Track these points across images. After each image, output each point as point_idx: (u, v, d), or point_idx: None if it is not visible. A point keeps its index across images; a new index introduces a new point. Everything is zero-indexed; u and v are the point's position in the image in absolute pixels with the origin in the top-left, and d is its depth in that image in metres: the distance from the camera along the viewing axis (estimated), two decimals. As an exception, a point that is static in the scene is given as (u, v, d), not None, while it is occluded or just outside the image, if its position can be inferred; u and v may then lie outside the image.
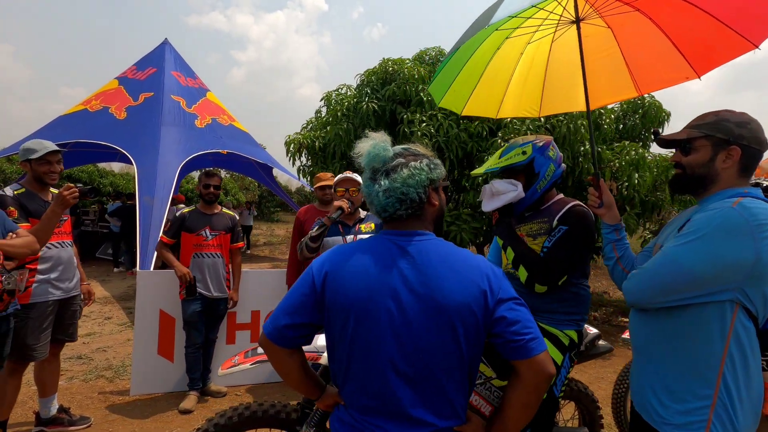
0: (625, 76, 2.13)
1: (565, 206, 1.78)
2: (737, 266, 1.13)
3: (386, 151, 1.15)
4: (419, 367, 1.04)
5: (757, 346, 1.21)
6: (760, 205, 1.15)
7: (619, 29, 2.06)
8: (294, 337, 1.11)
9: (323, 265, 1.12)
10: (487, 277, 1.08)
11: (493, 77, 2.28)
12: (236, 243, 3.48)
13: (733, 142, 1.26)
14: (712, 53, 1.89)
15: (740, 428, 1.18)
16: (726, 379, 1.18)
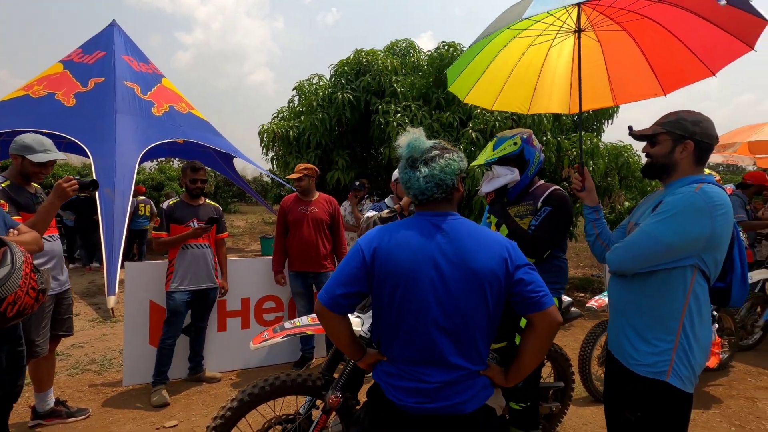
0: (606, 87, 2.45)
1: (547, 190, 2.07)
2: (699, 238, 1.44)
3: (424, 143, 1.36)
4: (458, 323, 1.26)
5: (708, 300, 1.54)
6: (715, 190, 1.47)
7: (607, 45, 2.36)
8: (346, 304, 1.30)
9: (372, 241, 1.31)
10: (506, 248, 1.31)
11: (496, 71, 2.50)
12: (221, 233, 3.54)
13: (688, 137, 1.56)
14: (679, 76, 2.24)
15: (695, 364, 1.50)
16: (685, 327, 1.49)
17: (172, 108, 10.41)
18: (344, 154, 5.94)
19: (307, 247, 3.61)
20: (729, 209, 1.45)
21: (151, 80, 10.50)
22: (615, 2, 2.06)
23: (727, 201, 1.45)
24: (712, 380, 3.70)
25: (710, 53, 2.07)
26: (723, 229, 1.44)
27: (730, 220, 1.46)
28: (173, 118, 10.19)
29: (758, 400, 3.36)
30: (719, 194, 1.45)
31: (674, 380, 1.48)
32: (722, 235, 1.45)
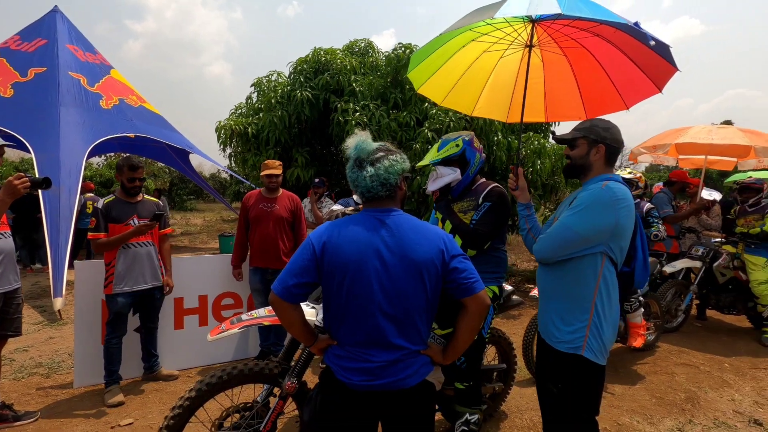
0: (541, 104, 2.71)
1: (487, 187, 2.26)
2: (606, 228, 1.67)
3: (370, 145, 1.49)
4: (399, 308, 1.41)
5: (616, 283, 1.77)
6: (619, 187, 1.71)
7: (548, 66, 2.60)
8: (298, 294, 1.42)
9: (321, 236, 1.43)
10: (443, 240, 1.48)
11: (451, 69, 2.68)
12: (165, 229, 3.45)
13: (600, 141, 1.80)
14: (601, 105, 2.54)
15: (605, 339, 1.73)
16: (597, 307, 1.72)
17: (122, 101, 9.93)
18: (304, 151, 5.98)
19: (267, 244, 3.63)
20: (630, 203, 1.69)
21: (98, 71, 9.97)
22: (563, 28, 2.29)
23: (628, 196, 1.69)
24: (640, 359, 4.10)
25: (628, 90, 2.40)
26: (626, 220, 1.67)
27: (632, 212, 1.69)
28: (123, 112, 9.73)
29: (677, 375, 3.78)
30: (622, 190, 1.69)
31: (588, 353, 1.71)
32: (625, 225, 1.68)
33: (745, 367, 4.02)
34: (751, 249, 4.69)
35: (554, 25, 2.29)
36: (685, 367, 3.97)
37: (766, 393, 3.50)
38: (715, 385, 3.61)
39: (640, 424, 2.97)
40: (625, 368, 3.90)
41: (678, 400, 3.33)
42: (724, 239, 5.01)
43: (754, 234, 4.62)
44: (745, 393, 3.49)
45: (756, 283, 4.61)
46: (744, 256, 4.73)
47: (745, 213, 4.84)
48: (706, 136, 5.10)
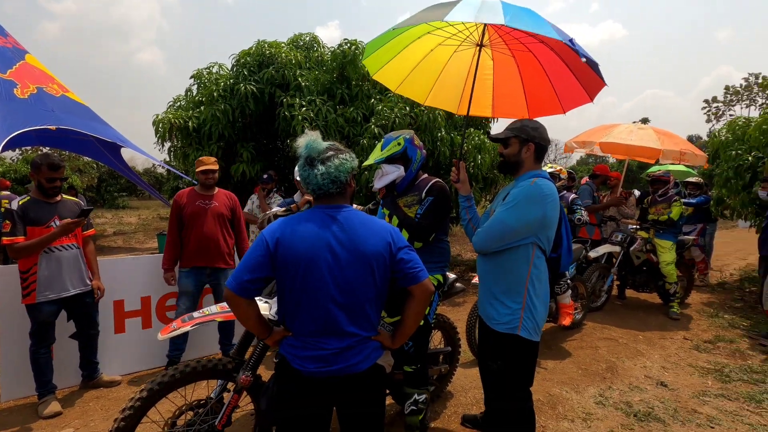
0: (489, 100, 2.89)
1: (429, 182, 2.42)
2: (535, 221, 1.87)
3: (321, 144, 1.58)
4: (350, 298, 1.52)
5: (546, 268, 1.99)
6: (546, 183, 1.92)
7: (498, 65, 2.79)
8: (253, 289, 1.47)
9: (275, 232, 1.50)
10: (390, 234, 1.60)
11: (406, 58, 2.78)
12: (88, 230, 3.26)
13: (530, 140, 2.01)
14: (542, 107, 2.77)
15: (538, 318, 1.95)
16: (530, 290, 1.93)
17: (41, 90, 8.97)
18: (249, 146, 5.87)
19: (208, 242, 3.48)
20: (556, 197, 1.92)
21: (11, 56, 8.92)
22: (512, 32, 2.48)
23: (554, 191, 1.92)
24: (569, 336, 4.54)
25: (566, 96, 2.66)
26: (552, 212, 1.90)
27: (557, 205, 1.92)
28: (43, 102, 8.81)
29: (599, 348, 4.23)
30: (549, 186, 1.91)
31: (524, 332, 1.92)
32: (552, 217, 1.90)
33: (656, 337, 4.59)
34: (660, 234, 5.31)
35: (504, 28, 2.48)
36: (606, 341, 4.45)
37: (671, 359, 4.03)
38: (630, 355, 4.09)
39: (569, 393, 3.32)
40: (556, 345, 4.30)
41: (600, 370, 3.74)
42: (638, 226, 5.62)
43: (663, 221, 5.24)
44: (654, 360, 4.00)
45: (664, 264, 5.24)
46: (654, 240, 5.35)
47: (655, 202, 5.45)
48: (627, 137, 5.66)
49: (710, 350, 4.26)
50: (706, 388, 3.45)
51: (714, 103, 31.84)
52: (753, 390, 3.39)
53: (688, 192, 7.00)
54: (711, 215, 7.08)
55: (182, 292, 3.51)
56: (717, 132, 6.88)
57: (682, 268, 5.75)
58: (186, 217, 3.48)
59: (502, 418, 2.03)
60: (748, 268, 8.18)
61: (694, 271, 6.57)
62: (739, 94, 30.26)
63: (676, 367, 3.85)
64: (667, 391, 3.40)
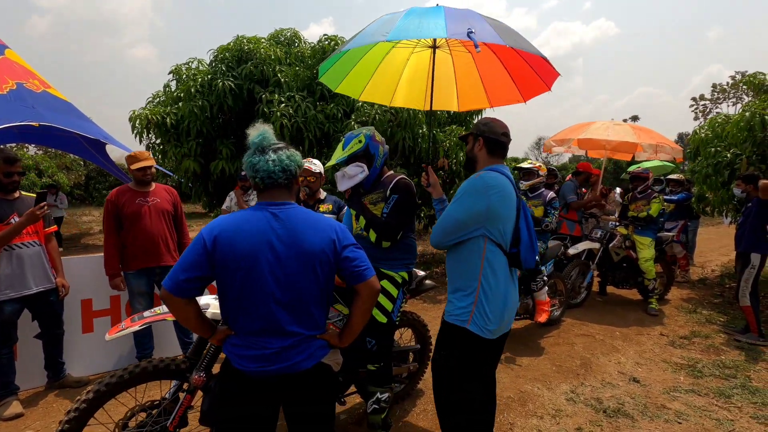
0: (453, 95, 2.94)
1: (394, 179, 2.39)
2: (479, 213, 1.85)
3: (272, 135, 1.56)
4: (293, 296, 1.48)
5: (503, 262, 1.93)
6: (491, 175, 1.90)
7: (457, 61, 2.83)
8: (191, 288, 1.43)
9: (213, 230, 1.46)
10: (335, 231, 1.57)
11: (364, 67, 2.85)
12: (50, 227, 3.17)
13: (479, 135, 2.00)
14: (503, 97, 2.84)
15: (491, 314, 1.89)
16: (483, 284, 1.90)
17: (21, 85, 8.84)
18: (228, 143, 5.80)
19: (153, 241, 3.30)
20: (503, 189, 1.87)
21: (-10, 51, 8.85)
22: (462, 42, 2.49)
23: (500, 183, 1.88)
24: (546, 333, 4.54)
25: (524, 86, 2.72)
26: (498, 205, 1.85)
27: (505, 197, 1.87)
28: (23, 98, 8.66)
29: (576, 345, 4.24)
30: (494, 178, 1.89)
31: (473, 327, 1.89)
32: (498, 209, 1.86)
33: (633, 333, 4.61)
34: (640, 230, 5.33)
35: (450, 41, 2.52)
36: (583, 337, 4.46)
37: (645, 355, 4.05)
38: (606, 351, 4.10)
39: (540, 390, 3.32)
40: (533, 342, 4.30)
41: (574, 367, 3.75)
42: (617, 222, 5.64)
43: (642, 217, 5.26)
44: (629, 356, 4.01)
45: (643, 260, 5.26)
46: (634, 236, 5.37)
47: (635, 199, 5.47)
48: (603, 133, 5.68)
49: (685, 346, 4.28)
50: (677, 383, 3.46)
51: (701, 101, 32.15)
52: (723, 385, 3.41)
53: (670, 189, 7.05)
54: (693, 212, 7.13)
55: (136, 293, 3.36)
56: (698, 129, 6.92)
57: (663, 264, 5.79)
58: (126, 218, 3.26)
59: (450, 410, 2.01)
60: (729, 264, 8.25)
61: (675, 267, 6.62)
62: (726, 92, 30.57)
63: (649, 363, 3.87)
64: (639, 386, 3.41)
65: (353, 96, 3.05)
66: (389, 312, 2.41)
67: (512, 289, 1.99)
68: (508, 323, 1.99)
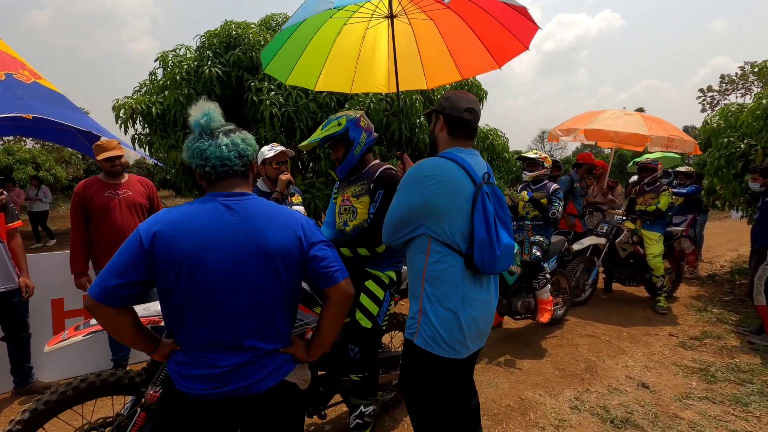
0: (419, 71, 2.61)
1: (378, 170, 2.15)
2: (416, 207, 1.56)
3: (219, 116, 1.31)
4: (250, 304, 1.25)
5: (453, 264, 1.55)
6: (432, 162, 1.57)
7: (418, 31, 2.50)
8: (125, 295, 1.19)
9: (152, 225, 1.22)
10: (301, 226, 1.32)
11: (314, 52, 2.54)
12: (13, 222, 2.96)
13: (440, 111, 1.69)
14: (474, 65, 2.51)
15: (441, 329, 1.55)
16: (427, 291, 1.59)
17: (10, 76, 8.54)
18: (217, 133, 5.53)
19: (123, 236, 2.95)
20: (442, 180, 1.52)
21: (-22, 41, 8.62)
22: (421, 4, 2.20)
23: (440, 173, 1.54)
24: (549, 333, 4.30)
25: (497, 48, 2.39)
26: (437, 197, 1.52)
27: (447, 189, 1.53)
28: (11, 89, 8.39)
29: (580, 346, 4.00)
30: (434, 166, 1.56)
31: (419, 341, 1.59)
32: (439, 203, 1.53)
33: (640, 334, 4.36)
34: (648, 225, 5.06)
35: None
36: (588, 338, 4.22)
37: (654, 357, 3.81)
38: (612, 353, 3.86)
39: (542, 397, 3.08)
40: (535, 343, 4.07)
41: (578, 371, 3.51)
42: (624, 216, 5.37)
43: (651, 211, 4.99)
44: (637, 359, 3.77)
45: (651, 256, 5.00)
46: (641, 231, 5.11)
47: (643, 192, 5.20)
48: (612, 123, 5.39)
49: (696, 347, 4.04)
50: (689, 389, 3.22)
51: (709, 92, 31.56)
52: (739, 391, 3.17)
53: (679, 182, 6.76)
54: (702, 205, 6.85)
55: None
56: (709, 119, 6.62)
57: (671, 260, 5.52)
58: (94, 212, 3.01)
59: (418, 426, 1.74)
60: (739, 259, 7.98)
61: (683, 263, 6.35)
62: (735, 83, 29.99)
63: (659, 366, 3.63)
64: (649, 393, 3.17)
65: (308, 87, 2.75)
66: (374, 316, 2.18)
67: (477, 296, 1.60)
68: (475, 339, 1.63)
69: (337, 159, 2.23)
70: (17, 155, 18.20)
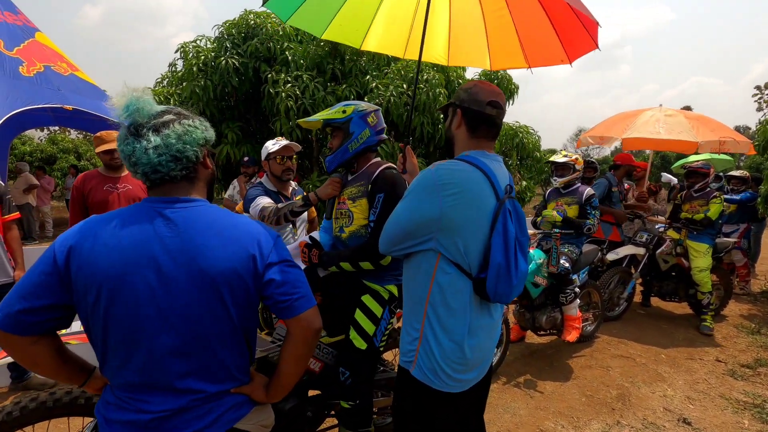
0: (517, 48, 2.26)
1: (377, 169, 1.88)
2: (428, 219, 1.29)
3: (151, 105, 1.06)
4: (188, 337, 1.01)
5: (461, 287, 1.31)
6: (452, 167, 1.31)
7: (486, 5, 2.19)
8: (35, 322, 0.97)
9: (68, 239, 1.00)
10: (257, 242, 1.07)
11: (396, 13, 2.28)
12: (10, 214, 2.86)
13: (457, 105, 1.42)
14: (544, 55, 2.21)
15: (441, 361, 1.32)
16: (429, 317, 1.34)
17: (48, 68, 8.85)
18: (235, 126, 5.42)
19: None
20: (463, 191, 1.28)
21: (20, 34, 8.85)
22: None
23: (461, 181, 1.29)
24: (577, 352, 3.91)
25: (570, 42, 2.10)
26: (454, 211, 1.27)
27: (467, 200, 1.29)
28: (49, 80, 8.67)
29: (611, 369, 3.59)
30: (452, 172, 1.30)
31: (417, 373, 1.36)
32: (454, 218, 1.28)
33: (681, 357, 3.90)
34: (694, 235, 4.55)
35: None
36: (621, 359, 3.81)
37: (698, 386, 3.37)
38: (648, 379, 3.45)
39: (565, 429, 2.74)
40: (560, 362, 3.70)
41: (609, 398, 3.13)
42: (668, 225, 4.86)
43: (698, 220, 4.48)
44: (678, 387, 3.34)
45: (697, 270, 4.49)
46: (687, 242, 4.60)
47: (690, 198, 4.68)
48: (654, 129, 4.87)
49: (748, 377, 3.55)
50: (740, 429, 2.79)
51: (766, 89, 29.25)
52: (803, 437, 2.72)
53: (731, 187, 6.11)
54: (757, 214, 6.16)
55: None
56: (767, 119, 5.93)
57: (719, 274, 4.95)
58: (92, 206, 2.88)
59: None
60: (798, 274, 7.20)
61: (733, 277, 5.74)
62: (796, 80, 27.67)
63: (704, 398, 3.19)
64: (691, 431, 2.77)
65: (352, 45, 2.43)
66: (371, 336, 1.92)
67: (482, 324, 1.37)
68: (478, 369, 1.41)
69: (331, 148, 2.00)
70: (61, 145, 19.08)
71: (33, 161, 16.40)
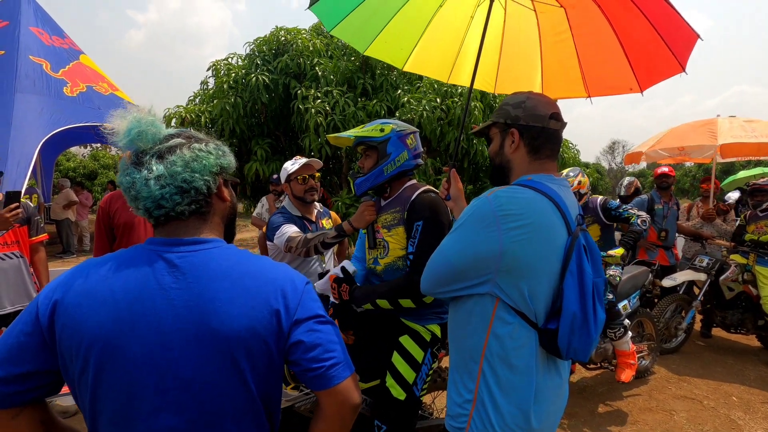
0: (576, 73, 2.03)
1: (414, 193, 1.68)
2: (486, 257, 1.06)
3: (156, 128, 0.88)
4: (194, 414, 0.81)
5: (526, 340, 1.09)
6: (513, 194, 1.08)
7: (544, 24, 1.98)
8: (15, 392, 0.79)
9: (54, 290, 0.82)
10: (282, 293, 0.87)
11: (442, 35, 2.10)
12: (37, 236, 2.80)
13: (511, 124, 1.20)
14: (608, 83, 1.96)
15: (497, 426, 1.08)
16: (485, 374, 1.11)
17: (90, 88, 9.29)
18: (264, 143, 5.36)
19: None
20: (530, 223, 1.06)
21: (65, 56, 9.35)
22: None
23: (527, 212, 1.06)
24: (631, 390, 3.51)
25: (644, 67, 1.81)
26: (520, 247, 1.04)
27: (530, 236, 1.05)
28: (90, 100, 9.09)
29: (676, 413, 3.18)
30: (513, 201, 1.07)
31: None
32: (520, 256, 1.04)
33: (757, 401, 3.43)
34: (764, 260, 4.08)
35: None
36: (685, 401, 3.38)
37: (782, 438, 2.92)
38: (721, 427, 3.02)
39: (629, 487, 2.38)
40: (613, 401, 3.31)
41: (676, 450, 2.74)
42: (732, 248, 4.39)
43: (766, 242, 4.02)
44: (756, 438, 2.91)
45: (767, 299, 4.01)
46: (755, 268, 4.12)
47: (756, 218, 4.22)
48: (747, 134, 4.51)
49: (841, 428, 3.06)
50: (844, 497, 2.35)
51: (821, 98, 27.45)
52: None
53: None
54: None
55: None
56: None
57: (792, 304, 4.42)
58: (118, 228, 2.76)
59: None
60: None
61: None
62: None
63: (791, 454, 2.75)
64: (782, 497, 2.35)
65: (394, 64, 2.25)
66: (410, 384, 1.68)
67: (550, 384, 1.14)
68: None
69: (362, 169, 1.80)
70: (102, 161, 19.97)
71: (76, 176, 17.14)
